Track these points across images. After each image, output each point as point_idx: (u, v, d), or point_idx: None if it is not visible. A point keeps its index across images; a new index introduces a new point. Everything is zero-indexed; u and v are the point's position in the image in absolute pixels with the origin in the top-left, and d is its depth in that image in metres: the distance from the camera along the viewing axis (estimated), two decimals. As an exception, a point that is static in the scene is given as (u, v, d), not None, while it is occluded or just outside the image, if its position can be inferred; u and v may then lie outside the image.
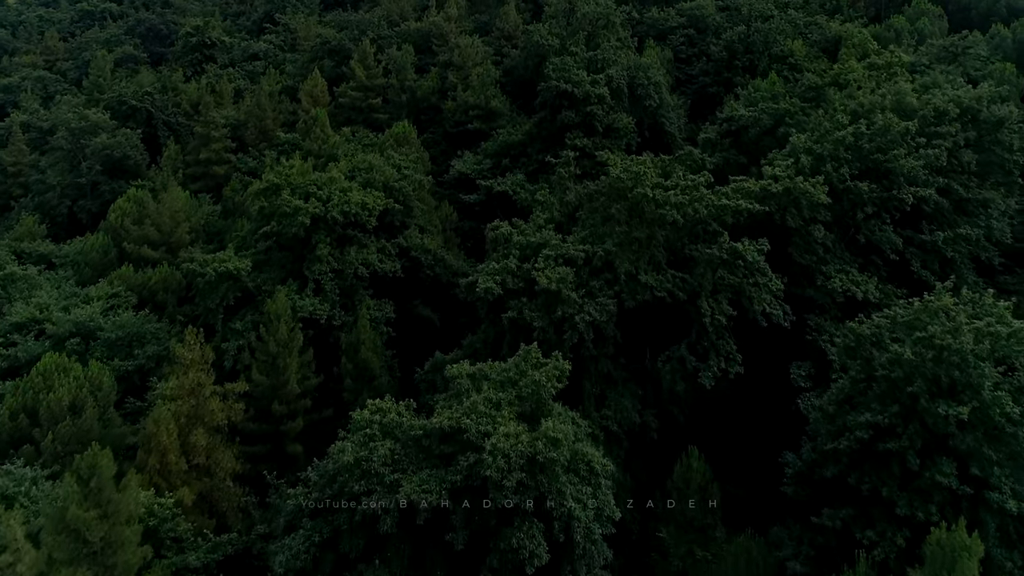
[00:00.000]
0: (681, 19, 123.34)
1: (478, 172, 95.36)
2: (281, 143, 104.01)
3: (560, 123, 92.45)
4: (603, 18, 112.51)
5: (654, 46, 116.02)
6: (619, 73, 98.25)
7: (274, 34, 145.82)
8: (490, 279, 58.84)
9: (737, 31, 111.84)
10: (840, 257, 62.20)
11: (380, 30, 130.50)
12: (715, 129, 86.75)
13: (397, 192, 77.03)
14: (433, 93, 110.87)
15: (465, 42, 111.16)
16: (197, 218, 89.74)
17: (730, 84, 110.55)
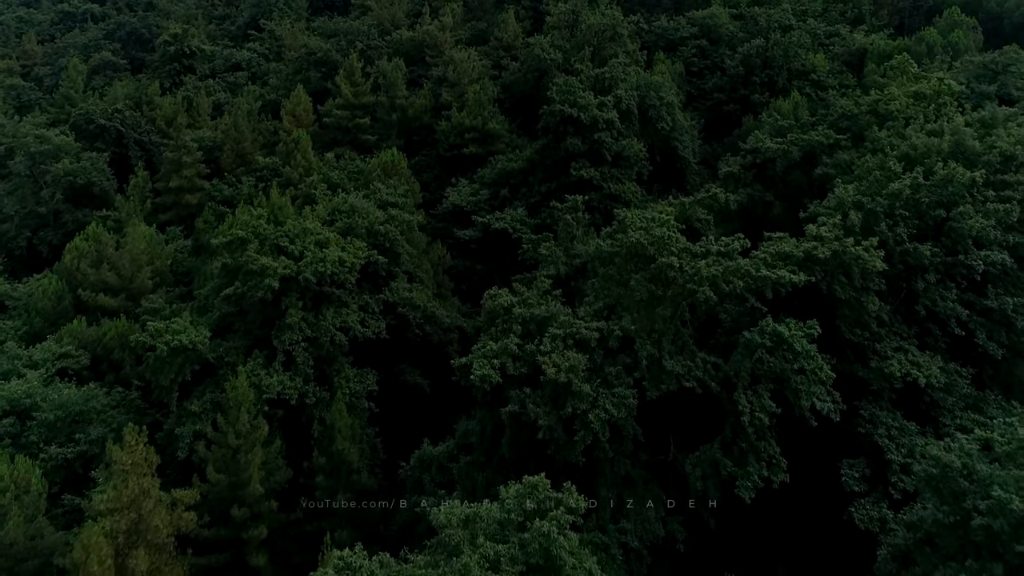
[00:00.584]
0: (692, 29, 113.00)
1: (474, 204, 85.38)
2: (260, 168, 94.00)
3: (565, 151, 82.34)
4: (609, 29, 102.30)
5: (664, 59, 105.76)
6: (628, 93, 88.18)
7: (258, 41, 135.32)
8: (487, 364, 48.90)
9: (755, 44, 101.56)
10: (896, 331, 52.29)
11: (370, 39, 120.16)
12: (738, 161, 76.73)
13: (382, 237, 67.11)
14: (425, 112, 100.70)
15: (460, 56, 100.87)
16: (163, 258, 79.66)
17: (747, 102, 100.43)
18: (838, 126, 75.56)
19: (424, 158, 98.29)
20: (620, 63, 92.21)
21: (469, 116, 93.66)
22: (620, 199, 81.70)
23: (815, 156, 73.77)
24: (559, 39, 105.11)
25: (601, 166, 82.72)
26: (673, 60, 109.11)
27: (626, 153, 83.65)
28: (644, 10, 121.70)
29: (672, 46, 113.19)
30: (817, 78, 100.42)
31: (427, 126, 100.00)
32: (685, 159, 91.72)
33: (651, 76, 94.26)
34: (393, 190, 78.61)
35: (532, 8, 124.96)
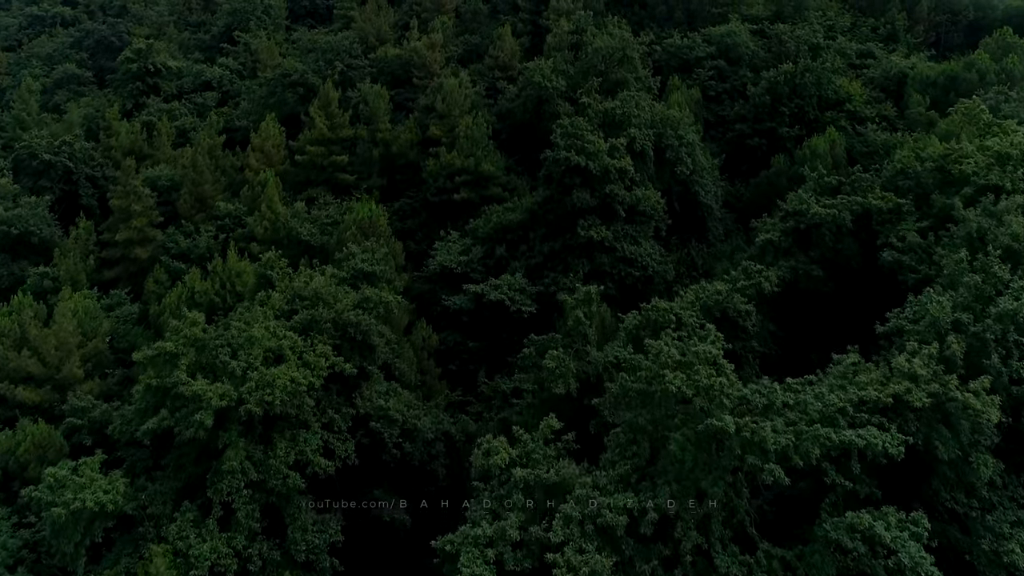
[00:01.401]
0: (709, 48, 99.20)
1: (466, 264, 72.02)
2: (221, 216, 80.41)
3: (571, 206, 68.97)
4: (618, 52, 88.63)
5: (679, 84, 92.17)
6: (643, 133, 74.78)
7: (232, 56, 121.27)
8: (479, 558, 35.76)
9: (782, 71, 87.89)
10: (1015, 498, 39.28)
11: (351, 57, 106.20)
12: (777, 226, 63.24)
13: (353, 328, 53.86)
14: (411, 148, 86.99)
15: (451, 85, 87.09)
16: (102, 336, 66.23)
17: (774, 136, 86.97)
18: (896, 185, 62.21)
19: (410, 201, 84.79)
20: (632, 96, 78.52)
21: (460, 156, 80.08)
22: (636, 263, 68.41)
23: (870, 219, 60.55)
24: (561, 62, 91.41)
25: (613, 222, 69.36)
26: (688, 83, 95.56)
27: (642, 207, 70.27)
28: (654, 24, 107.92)
29: (687, 67, 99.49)
30: (853, 108, 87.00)
31: (413, 163, 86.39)
32: (707, 206, 78.47)
33: (666, 108, 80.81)
34: (370, 255, 65.35)
35: (531, 21, 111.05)
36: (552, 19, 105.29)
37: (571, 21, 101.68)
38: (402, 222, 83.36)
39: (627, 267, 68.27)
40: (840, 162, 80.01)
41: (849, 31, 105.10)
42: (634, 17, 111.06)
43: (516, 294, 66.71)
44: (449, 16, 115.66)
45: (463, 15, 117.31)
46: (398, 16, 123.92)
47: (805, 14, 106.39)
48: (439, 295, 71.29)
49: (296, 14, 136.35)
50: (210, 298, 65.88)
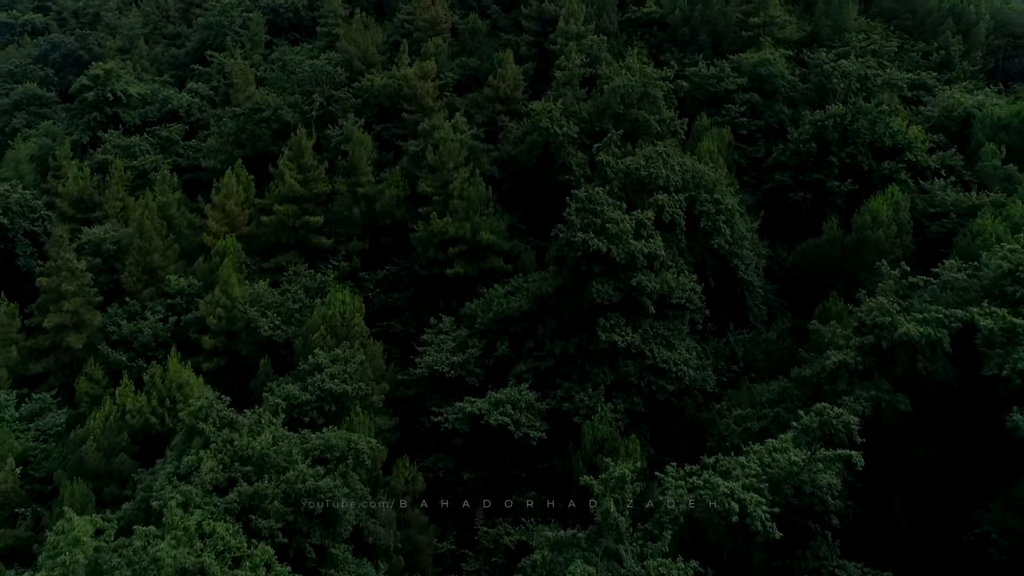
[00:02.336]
0: (739, 79, 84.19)
1: (460, 366, 57.81)
2: (172, 293, 66.15)
3: (589, 301, 54.71)
4: (639, 89, 73.96)
5: (708, 125, 77.65)
6: (673, 200, 60.44)
7: (203, 79, 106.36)
8: None
9: (830, 114, 73.19)
10: None
11: (333, 86, 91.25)
12: (852, 342, 48.83)
13: (310, 499, 39.91)
14: (398, 205, 72.45)
15: (443, 133, 72.29)
16: (9, 468, 52.15)
17: (822, 190, 72.46)
18: (1002, 289, 47.86)
19: (396, 270, 70.41)
20: (659, 152, 64.00)
21: (454, 222, 65.66)
22: (669, 373, 54.15)
23: (972, 333, 46.29)
24: (572, 100, 76.68)
25: (640, 319, 55.12)
26: (717, 120, 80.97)
27: (676, 298, 55.94)
28: (675, 48, 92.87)
29: (715, 100, 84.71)
30: (914, 158, 72.41)
31: (400, 224, 71.95)
32: (747, 282, 64.19)
33: (697, 161, 66.26)
34: (342, 366, 51.33)
35: (536, 44, 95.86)
36: (560, 43, 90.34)
37: (581, 48, 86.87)
38: (387, 295, 69.21)
39: (658, 378, 54.08)
40: (905, 228, 65.89)
41: (896, 57, 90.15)
42: (652, 39, 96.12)
43: (522, 414, 52.51)
44: (444, 36, 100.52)
45: (460, 34, 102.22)
46: (388, 32, 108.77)
47: (845, 37, 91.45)
48: (428, 404, 57.21)
49: (278, 27, 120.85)
50: (145, 418, 52.07)
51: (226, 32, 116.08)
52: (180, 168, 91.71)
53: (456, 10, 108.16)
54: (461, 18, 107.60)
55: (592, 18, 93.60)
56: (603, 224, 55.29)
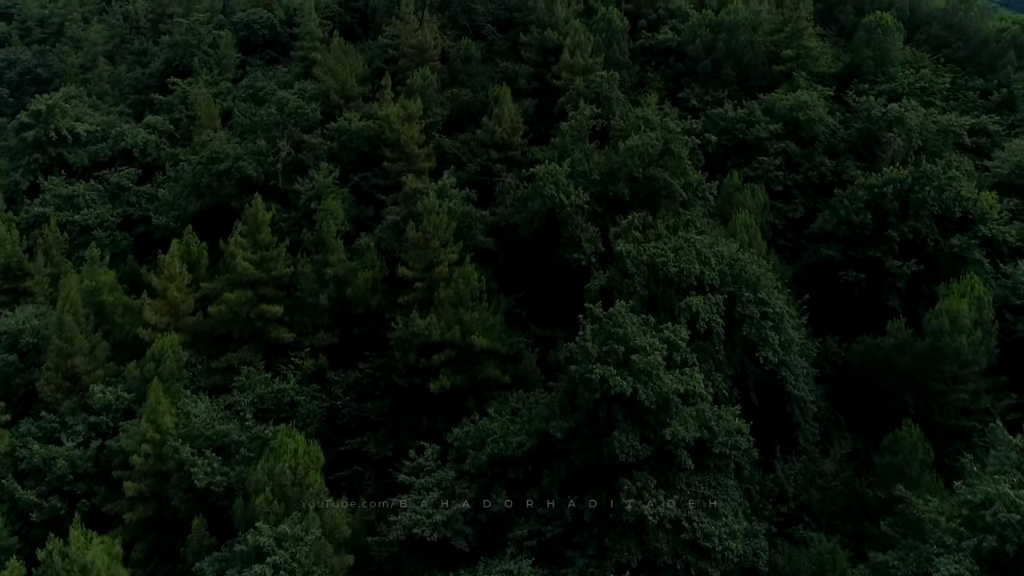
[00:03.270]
0: (772, 124, 70.53)
1: (444, 525, 44.50)
2: (96, 409, 52.77)
3: (611, 456, 41.40)
4: (658, 146, 60.37)
5: (739, 183, 64.22)
6: (709, 304, 47.14)
7: (164, 110, 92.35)
8: None
9: (888, 178, 59.68)
10: None
11: (304, 127, 77.38)
12: (964, 541, 35.63)
13: None
14: (373, 290, 58.88)
15: (427, 203, 58.31)
16: None
17: (879, 270, 59.11)
18: None
19: (370, 371, 56.85)
20: (691, 241, 50.60)
21: (439, 323, 52.09)
22: (712, 553, 40.91)
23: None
24: (581, 158, 62.99)
25: (675, 475, 41.90)
26: (748, 174, 67.56)
27: (718, 445, 42.68)
28: (695, 84, 78.96)
29: (743, 147, 71.18)
30: (989, 231, 59.00)
31: (376, 313, 58.46)
32: (798, 398, 50.80)
33: (735, 245, 52.85)
34: (292, 547, 38.19)
35: (536, 76, 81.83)
36: (565, 78, 76.42)
37: (589, 86, 73.01)
38: (359, 403, 55.83)
39: (700, 558, 40.78)
40: (988, 329, 52.55)
41: (949, 95, 76.42)
42: (668, 71, 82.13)
43: (524, 608, 39.36)
44: (433, 64, 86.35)
45: (451, 60, 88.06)
46: (371, 53, 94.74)
47: (889, 71, 77.63)
48: (406, 572, 44.04)
49: (252, 44, 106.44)
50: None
51: (193, 52, 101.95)
52: (131, 221, 78.22)
53: (447, 31, 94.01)
54: (453, 40, 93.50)
55: (600, 48, 79.55)
56: (627, 354, 41.89)
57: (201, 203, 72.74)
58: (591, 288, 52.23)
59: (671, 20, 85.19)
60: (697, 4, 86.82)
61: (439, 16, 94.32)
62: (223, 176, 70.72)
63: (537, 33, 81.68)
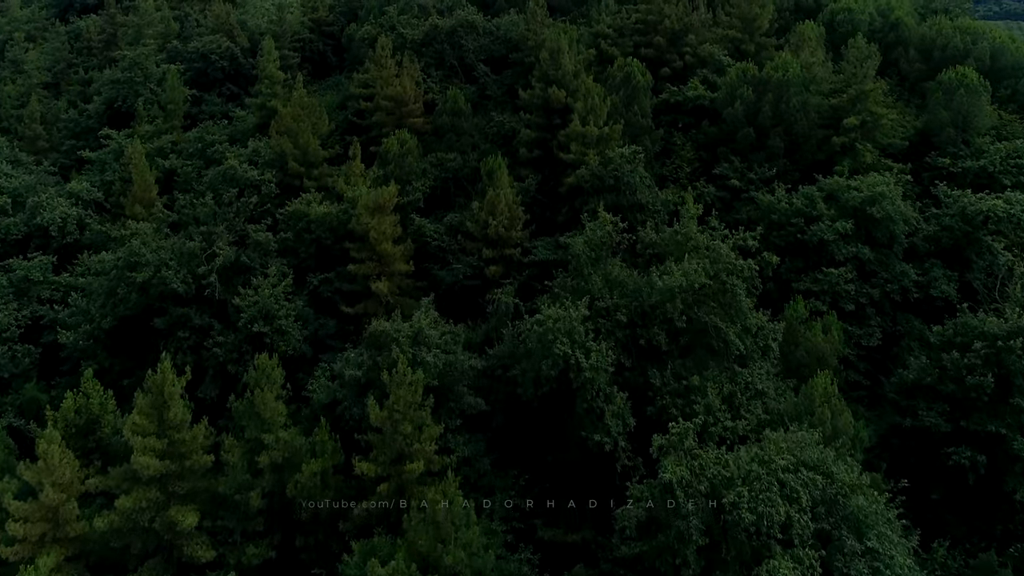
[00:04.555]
0: (840, 221, 53.08)
1: None
2: None
3: None
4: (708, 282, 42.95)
5: (805, 313, 47.32)
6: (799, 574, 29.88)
7: (96, 170, 74.43)
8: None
9: (1016, 328, 42.58)
10: None
11: (256, 209, 59.89)
12: None
13: None
14: (323, 487, 41.53)
15: (398, 374, 40.77)
16: None
17: (1004, 454, 42.18)
18: None
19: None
20: (770, 463, 33.60)
21: (411, 556, 35.01)
22: None
23: None
24: (602, 288, 45.58)
25: None
26: (812, 288, 50.47)
27: None
28: (737, 156, 61.31)
29: (800, 248, 53.92)
30: None
31: (327, 521, 41.25)
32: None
33: (826, 450, 35.83)
34: None
35: (539, 142, 64.05)
36: (575, 151, 58.82)
37: (607, 168, 55.51)
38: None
39: None
40: None
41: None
42: (700, 137, 64.34)
43: None
44: (415, 122, 68.50)
45: (437, 114, 69.96)
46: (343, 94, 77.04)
47: (976, 142, 60.16)
48: None
49: (209, 78, 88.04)
50: None
51: (138, 91, 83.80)
52: (40, 326, 60.65)
53: (432, 71, 76.04)
54: (440, 81, 75.69)
55: (618, 109, 61.76)
56: None
57: (118, 312, 55.27)
58: (625, 521, 35.19)
59: (701, 69, 67.16)
60: (732, 50, 68.79)
61: (424, 54, 76.38)
62: (144, 288, 53.12)
63: (540, 90, 63.74)
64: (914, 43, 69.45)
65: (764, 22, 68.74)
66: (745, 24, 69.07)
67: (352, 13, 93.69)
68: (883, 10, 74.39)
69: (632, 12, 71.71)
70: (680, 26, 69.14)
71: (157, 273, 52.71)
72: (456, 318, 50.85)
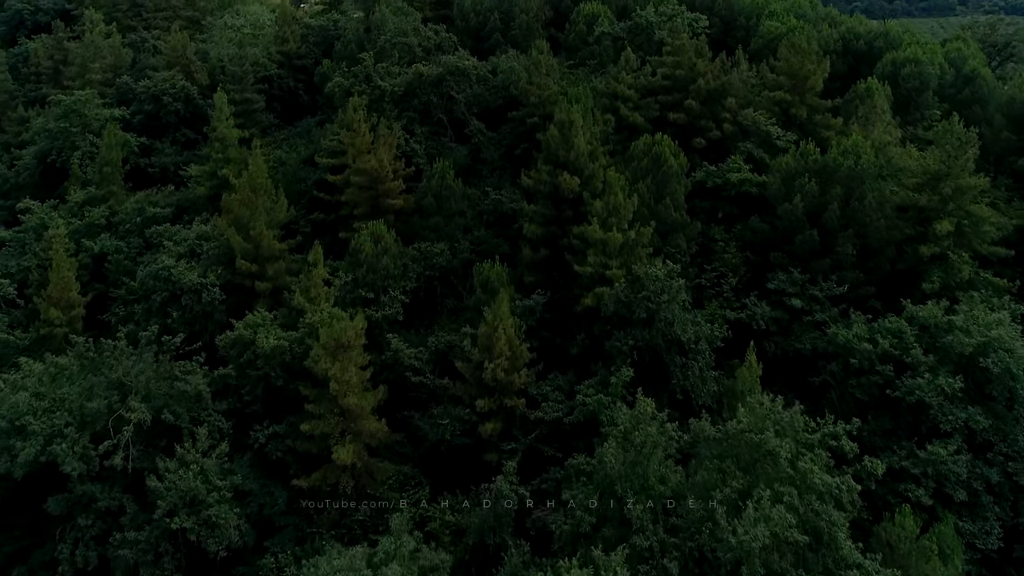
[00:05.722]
0: (943, 375, 38.76)
1: None
2: None
3: None
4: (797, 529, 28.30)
5: (915, 534, 32.61)
6: None
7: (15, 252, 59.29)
8: None
9: None
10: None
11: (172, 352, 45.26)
12: None
13: None
14: None
15: None
16: None
17: None
18: None
19: None
20: None
21: None
22: None
23: None
24: (641, 516, 31.10)
25: None
26: (908, 469, 36.21)
27: None
28: (795, 266, 46.54)
29: (887, 404, 39.55)
30: None
31: None
32: None
33: None
34: None
35: (547, 239, 49.05)
36: (594, 264, 44.10)
37: (636, 289, 40.95)
38: None
39: None
40: None
41: None
42: (747, 236, 49.44)
43: None
44: (394, 199, 53.70)
45: (421, 192, 54.84)
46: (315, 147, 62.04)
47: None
48: None
49: (162, 123, 72.69)
50: None
51: (76, 142, 68.44)
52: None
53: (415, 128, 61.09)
54: (425, 140, 60.85)
55: (645, 201, 46.98)
56: None
57: None
58: None
59: (744, 143, 52.30)
60: (779, 113, 53.88)
61: (407, 106, 61.36)
62: (29, 464, 38.54)
63: (547, 174, 48.85)
64: (999, 106, 54.64)
65: (818, 81, 53.80)
66: (795, 83, 54.11)
67: (328, 43, 78.45)
68: (954, 59, 59.50)
69: (657, 65, 56.40)
70: (716, 85, 54.13)
71: (46, 447, 38.06)
72: (441, 483, 36.98)
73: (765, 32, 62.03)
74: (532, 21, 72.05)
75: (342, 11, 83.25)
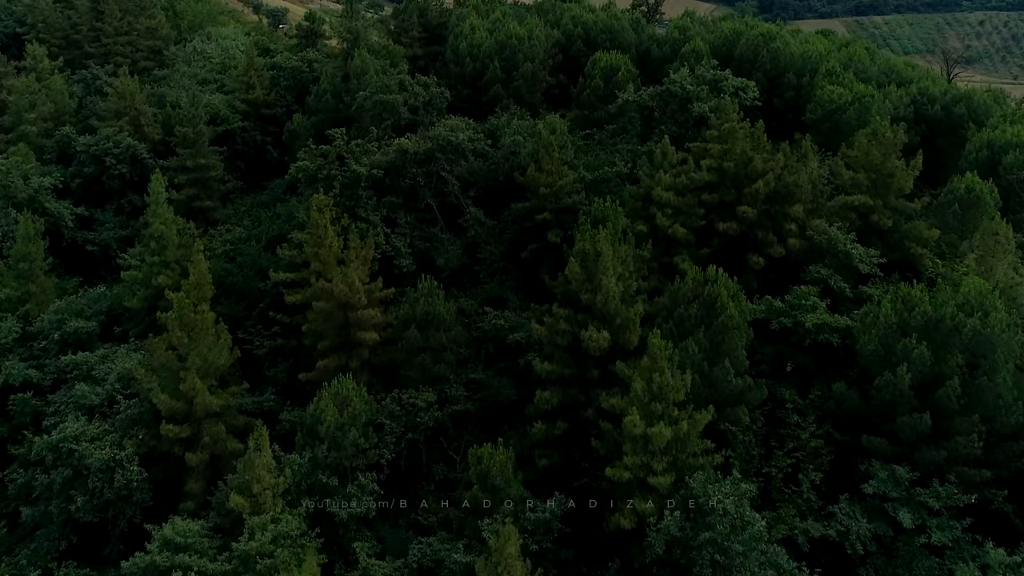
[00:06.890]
0: None
1: None
2: None
3: None
4: None
5: None
6: None
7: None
8: None
9: None
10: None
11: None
12: None
13: None
14: None
15: None
16: None
17: None
18: None
19: None
20: None
21: None
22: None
23: None
24: None
25: None
26: None
27: None
28: (898, 449, 33.24)
29: None
30: None
31: None
32: None
33: None
34: None
35: (566, 409, 35.82)
36: (632, 463, 30.78)
37: (697, 522, 27.69)
38: None
39: None
40: None
41: None
42: (833, 409, 36.12)
43: None
44: (367, 331, 40.20)
45: (403, 323, 41.08)
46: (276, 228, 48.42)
47: None
48: None
49: (105, 188, 58.80)
50: None
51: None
52: None
53: (398, 215, 47.71)
54: (409, 231, 47.46)
55: (697, 361, 33.59)
56: None
57: None
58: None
59: (816, 266, 38.81)
60: (856, 220, 40.32)
61: (387, 189, 47.79)
62: None
63: (566, 322, 35.35)
64: None
65: (906, 182, 40.22)
66: (875, 181, 40.63)
67: (301, 87, 64.70)
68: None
69: (699, 154, 42.65)
70: (778, 186, 40.50)
71: None
72: None
73: (824, 100, 48.22)
74: (538, 69, 58.22)
75: (318, 48, 69.02)
